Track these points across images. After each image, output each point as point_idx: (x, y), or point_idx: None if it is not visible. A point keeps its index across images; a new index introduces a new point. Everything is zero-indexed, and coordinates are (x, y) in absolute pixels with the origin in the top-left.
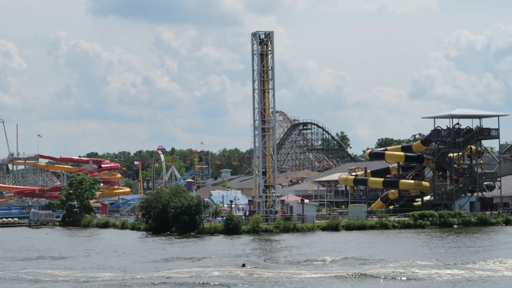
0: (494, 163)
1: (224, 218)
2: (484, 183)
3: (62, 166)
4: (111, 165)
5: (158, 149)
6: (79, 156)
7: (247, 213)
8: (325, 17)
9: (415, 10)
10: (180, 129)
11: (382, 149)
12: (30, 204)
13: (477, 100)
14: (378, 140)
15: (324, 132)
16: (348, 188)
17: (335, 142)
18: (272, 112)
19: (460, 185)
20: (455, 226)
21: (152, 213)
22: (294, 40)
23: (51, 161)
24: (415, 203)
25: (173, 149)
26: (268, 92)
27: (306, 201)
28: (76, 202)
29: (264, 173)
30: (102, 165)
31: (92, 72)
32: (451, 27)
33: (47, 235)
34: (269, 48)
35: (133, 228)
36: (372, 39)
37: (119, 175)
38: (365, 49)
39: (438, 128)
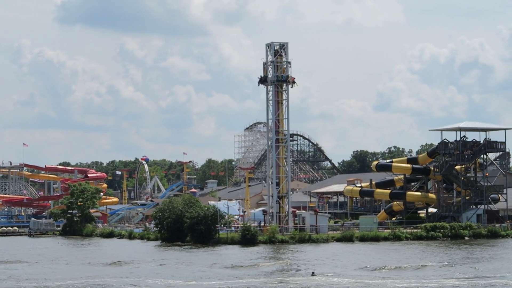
0: (495, 176)
1: (238, 228)
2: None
3: (47, 175)
4: (97, 174)
5: (141, 159)
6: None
7: (261, 224)
8: (293, 29)
9: (382, 23)
10: (144, 139)
11: (388, 161)
12: (17, 213)
13: (441, 114)
14: (353, 152)
15: (310, 143)
16: (345, 199)
17: (320, 154)
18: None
19: (467, 198)
20: (466, 238)
21: (165, 222)
22: (259, 51)
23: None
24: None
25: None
26: (282, 103)
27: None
28: (76, 211)
29: (277, 184)
30: (89, 175)
31: (57, 81)
32: (417, 40)
33: (58, 243)
34: (284, 59)
35: (142, 238)
36: (338, 51)
37: (105, 185)
38: (331, 60)
39: (445, 140)
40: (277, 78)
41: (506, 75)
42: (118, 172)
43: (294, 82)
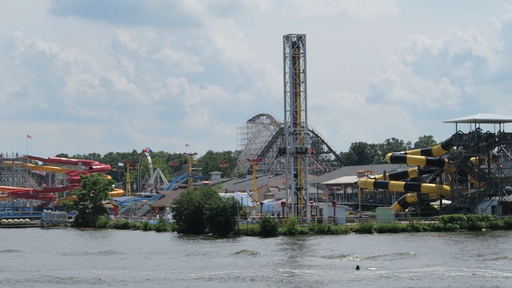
0: (509, 167)
1: (254, 220)
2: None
3: (51, 167)
4: (101, 166)
5: (144, 151)
6: (49, 157)
7: (280, 215)
8: (286, 21)
9: (376, 15)
10: (136, 131)
11: (402, 152)
12: (22, 205)
13: (434, 106)
14: (352, 144)
15: (313, 135)
16: (353, 191)
17: (321, 146)
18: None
19: (481, 189)
20: (483, 229)
21: (184, 214)
22: (253, 43)
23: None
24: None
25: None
26: (300, 95)
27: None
28: (89, 203)
29: (295, 176)
30: (93, 167)
31: (49, 73)
32: (409, 32)
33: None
34: (301, 51)
35: (158, 229)
36: (331, 43)
37: (109, 177)
38: (324, 52)
39: (460, 132)
40: (296, 150)
41: (499, 67)
42: (121, 164)
43: (312, 153)
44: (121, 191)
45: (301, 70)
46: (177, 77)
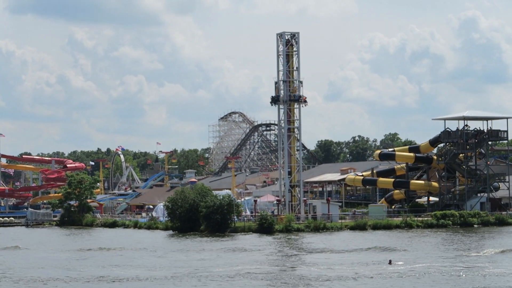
0: (497, 164)
1: (246, 217)
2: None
3: (24, 166)
4: (76, 165)
5: (116, 149)
6: (22, 156)
7: (274, 212)
8: (246, 18)
9: (335, 12)
10: (94, 129)
11: (391, 149)
12: None
13: (392, 103)
14: (318, 142)
15: None
16: (333, 189)
17: None
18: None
19: (470, 186)
20: (475, 226)
21: (178, 212)
22: (211, 41)
23: None
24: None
25: (108, 150)
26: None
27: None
28: (74, 201)
29: (289, 173)
30: (68, 165)
31: (6, 71)
32: (367, 30)
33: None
34: (295, 49)
35: (149, 227)
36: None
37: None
38: None
39: (448, 129)
40: (289, 97)
41: (456, 65)
42: (92, 163)
43: (305, 101)
44: (97, 189)
45: (295, 68)
46: (135, 75)
